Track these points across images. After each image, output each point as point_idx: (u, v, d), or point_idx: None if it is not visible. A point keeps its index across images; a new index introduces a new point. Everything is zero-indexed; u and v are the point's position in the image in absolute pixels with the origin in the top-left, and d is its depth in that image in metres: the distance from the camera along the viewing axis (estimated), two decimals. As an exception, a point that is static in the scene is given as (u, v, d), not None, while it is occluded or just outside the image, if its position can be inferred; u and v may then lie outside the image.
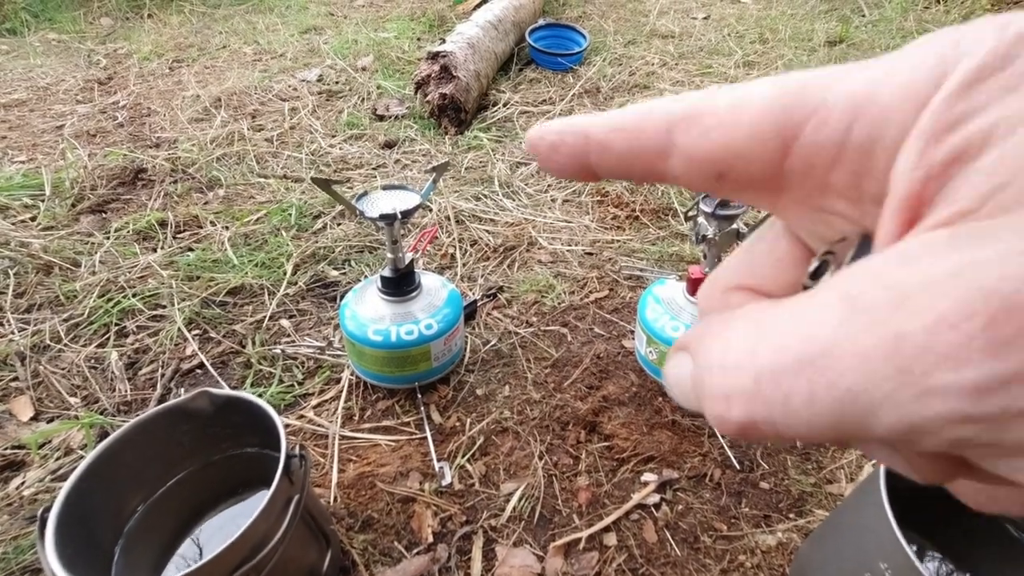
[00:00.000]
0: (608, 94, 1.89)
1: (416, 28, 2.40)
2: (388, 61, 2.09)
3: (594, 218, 1.34)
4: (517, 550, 0.73)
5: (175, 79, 2.04)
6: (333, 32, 2.42)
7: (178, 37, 2.44)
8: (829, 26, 2.41)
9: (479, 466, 0.82)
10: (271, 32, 2.45)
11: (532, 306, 1.09)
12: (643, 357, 0.94)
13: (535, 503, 0.78)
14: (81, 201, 1.36)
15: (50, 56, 2.30)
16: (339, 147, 1.60)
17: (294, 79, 1.98)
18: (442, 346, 0.89)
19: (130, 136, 1.67)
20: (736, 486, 0.80)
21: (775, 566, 0.71)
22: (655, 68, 2.04)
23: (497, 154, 1.56)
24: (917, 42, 0.12)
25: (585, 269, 1.18)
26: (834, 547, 0.61)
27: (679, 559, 0.72)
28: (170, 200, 1.40)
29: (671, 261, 1.20)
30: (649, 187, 1.42)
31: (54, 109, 1.84)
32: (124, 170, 1.47)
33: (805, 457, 0.83)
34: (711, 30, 2.40)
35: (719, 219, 0.79)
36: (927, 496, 0.65)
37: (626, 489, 0.79)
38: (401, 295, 0.88)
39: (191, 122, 1.73)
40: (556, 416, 0.89)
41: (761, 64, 2.06)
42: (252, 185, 1.44)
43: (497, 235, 1.27)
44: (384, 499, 0.78)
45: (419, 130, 1.67)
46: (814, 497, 0.78)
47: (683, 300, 0.90)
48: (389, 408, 0.91)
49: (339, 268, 1.18)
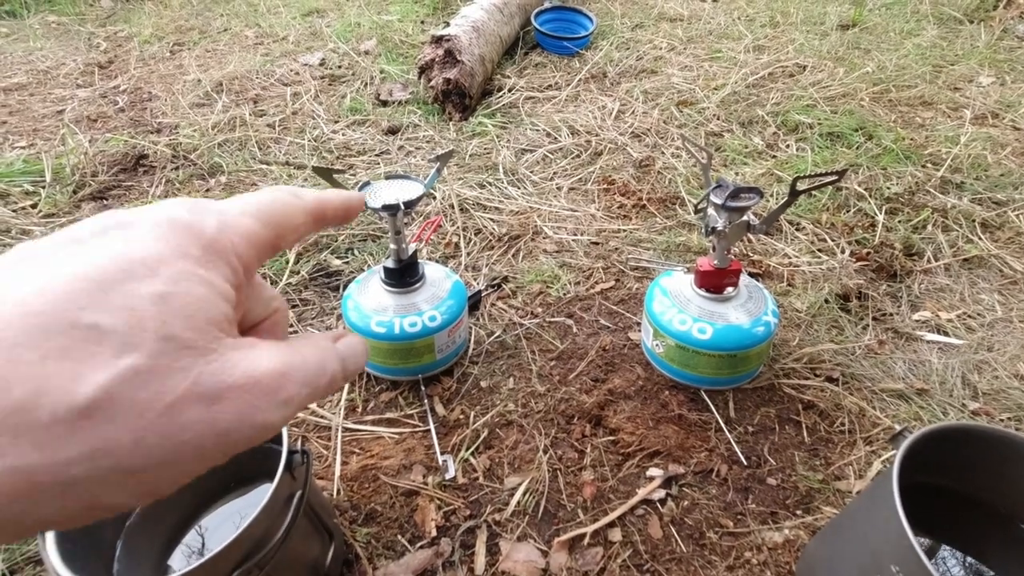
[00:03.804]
0: (615, 79, 1.85)
1: (420, 11, 2.36)
2: (391, 45, 2.05)
3: (600, 207, 1.32)
4: (521, 545, 0.72)
5: (176, 63, 2.02)
6: (336, 15, 2.38)
7: (179, 20, 2.40)
8: (842, 9, 2.35)
9: (483, 459, 0.81)
10: (273, 15, 2.41)
11: (537, 297, 1.08)
12: (649, 350, 0.92)
13: (539, 497, 0.77)
14: (82, 188, 1.35)
15: (50, 39, 2.27)
16: (342, 133, 1.58)
17: (296, 63, 1.96)
18: (446, 338, 0.88)
19: (131, 121, 1.65)
20: (743, 482, 0.79)
21: (782, 563, 0.70)
22: (663, 52, 2.00)
23: (502, 141, 1.54)
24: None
25: (591, 259, 1.17)
26: (843, 546, 0.60)
27: (684, 555, 0.71)
28: (172, 187, 1.38)
29: (678, 251, 1.18)
30: (656, 175, 1.40)
31: (54, 93, 1.82)
32: (125, 156, 1.46)
33: (813, 453, 0.82)
34: (720, 13, 2.35)
35: (729, 211, 0.78)
36: (938, 493, 0.64)
37: (631, 484, 0.79)
38: (404, 286, 0.87)
39: (192, 107, 1.71)
40: (561, 409, 0.88)
41: (771, 48, 2.02)
42: (254, 172, 1.43)
43: (502, 224, 1.25)
44: (387, 492, 0.77)
45: (423, 116, 1.65)
46: (822, 494, 0.77)
47: (690, 292, 0.88)
48: (392, 400, 0.90)
49: (342, 257, 1.17)
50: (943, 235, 1.21)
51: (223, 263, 0.18)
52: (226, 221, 0.19)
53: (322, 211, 0.23)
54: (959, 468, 0.61)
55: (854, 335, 1.00)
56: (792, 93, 1.71)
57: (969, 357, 0.95)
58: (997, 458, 0.59)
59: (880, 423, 0.85)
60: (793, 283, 1.10)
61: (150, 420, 0.15)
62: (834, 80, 1.79)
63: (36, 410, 0.14)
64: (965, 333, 1.00)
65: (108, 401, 0.14)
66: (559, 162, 1.47)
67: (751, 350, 0.84)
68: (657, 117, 1.62)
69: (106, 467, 0.14)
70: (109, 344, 0.15)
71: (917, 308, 1.06)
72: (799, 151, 1.49)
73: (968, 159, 1.42)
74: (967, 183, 1.35)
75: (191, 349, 0.16)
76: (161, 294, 0.16)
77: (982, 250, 1.18)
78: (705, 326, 0.84)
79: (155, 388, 0.15)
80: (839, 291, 1.06)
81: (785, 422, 0.86)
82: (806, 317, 1.02)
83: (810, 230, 1.23)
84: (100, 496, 0.15)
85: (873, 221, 1.25)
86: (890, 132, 1.53)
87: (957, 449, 0.59)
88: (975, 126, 1.57)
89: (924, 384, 0.91)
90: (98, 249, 0.16)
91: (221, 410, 0.16)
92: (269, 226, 0.20)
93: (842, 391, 0.90)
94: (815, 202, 1.30)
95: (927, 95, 1.73)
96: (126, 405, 0.14)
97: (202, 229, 0.18)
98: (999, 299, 1.08)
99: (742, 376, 0.89)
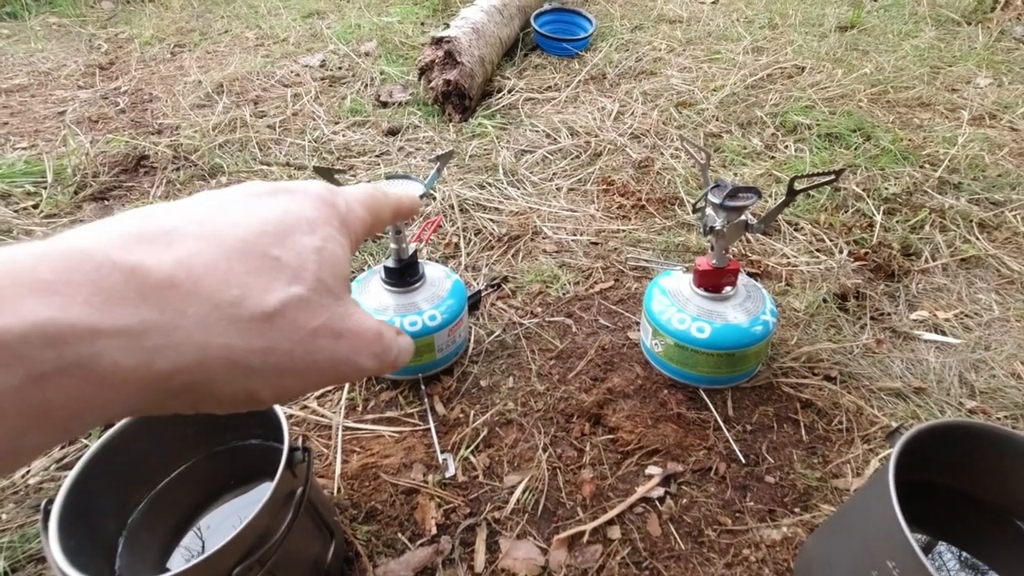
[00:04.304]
0: (614, 80, 1.86)
1: (420, 12, 2.37)
2: (391, 46, 2.06)
3: (600, 207, 1.32)
4: (521, 543, 0.73)
5: (177, 64, 2.02)
6: (336, 16, 2.39)
7: (179, 21, 2.41)
8: (840, 11, 2.36)
9: (483, 458, 0.82)
10: (273, 16, 2.42)
11: (537, 296, 1.09)
12: (648, 349, 0.93)
13: (539, 495, 0.77)
14: (83, 188, 1.36)
15: (51, 40, 2.28)
16: (342, 134, 1.59)
17: (297, 64, 1.96)
18: (446, 337, 0.89)
19: (132, 122, 1.66)
20: (741, 480, 0.79)
21: (780, 561, 0.71)
22: (662, 54, 2.01)
23: (502, 142, 1.55)
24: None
25: (590, 259, 1.17)
26: (840, 543, 0.60)
27: (683, 553, 0.72)
28: (173, 187, 1.39)
29: (677, 251, 1.19)
30: (655, 176, 1.41)
31: (55, 95, 1.83)
32: (126, 157, 1.46)
33: (811, 451, 0.83)
34: (719, 15, 2.36)
35: (727, 210, 0.78)
36: (935, 490, 0.64)
37: (630, 482, 0.79)
38: (405, 286, 0.87)
39: (193, 108, 1.71)
40: (560, 408, 0.88)
41: (770, 50, 2.02)
42: (255, 172, 1.43)
43: (502, 224, 1.26)
44: (388, 490, 0.78)
45: (423, 117, 1.65)
46: (820, 491, 0.78)
47: (689, 292, 0.89)
48: (393, 399, 0.90)
49: (342, 257, 1.17)
50: (941, 235, 1.22)
51: (349, 234, 0.23)
52: (350, 203, 0.24)
53: (400, 210, 0.28)
54: (956, 465, 0.62)
55: (852, 334, 1.00)
56: (791, 94, 1.72)
57: (966, 356, 0.96)
58: (994, 455, 0.59)
59: (878, 421, 0.86)
60: (791, 283, 1.11)
61: (301, 336, 0.20)
62: (832, 81, 1.80)
63: (242, 307, 0.18)
64: (962, 332, 1.01)
65: (281, 314, 0.19)
66: (559, 163, 1.47)
67: (749, 349, 0.85)
68: (656, 118, 1.63)
69: (271, 363, 0.19)
70: (285, 274, 0.20)
71: (915, 308, 1.07)
72: (798, 152, 1.49)
73: (966, 160, 1.43)
74: (965, 183, 1.36)
75: (331, 293, 0.21)
76: (318, 248, 0.21)
77: (979, 250, 1.18)
78: (704, 325, 0.84)
79: (308, 314, 0.20)
80: (837, 291, 1.06)
81: (783, 420, 0.86)
82: (804, 316, 1.03)
83: (808, 230, 1.23)
84: (260, 383, 0.19)
85: (871, 221, 1.25)
86: (888, 133, 1.53)
87: (954, 446, 0.60)
88: (973, 127, 1.58)
89: (921, 383, 0.91)
90: (273, 205, 0.21)
91: (340, 345, 0.21)
92: (371, 214, 0.25)
93: (840, 390, 0.90)
94: (813, 202, 1.31)
95: (925, 96, 1.73)
96: (290, 320, 0.19)
97: (338, 206, 0.23)
98: (996, 299, 1.08)
99: (740, 375, 0.89)
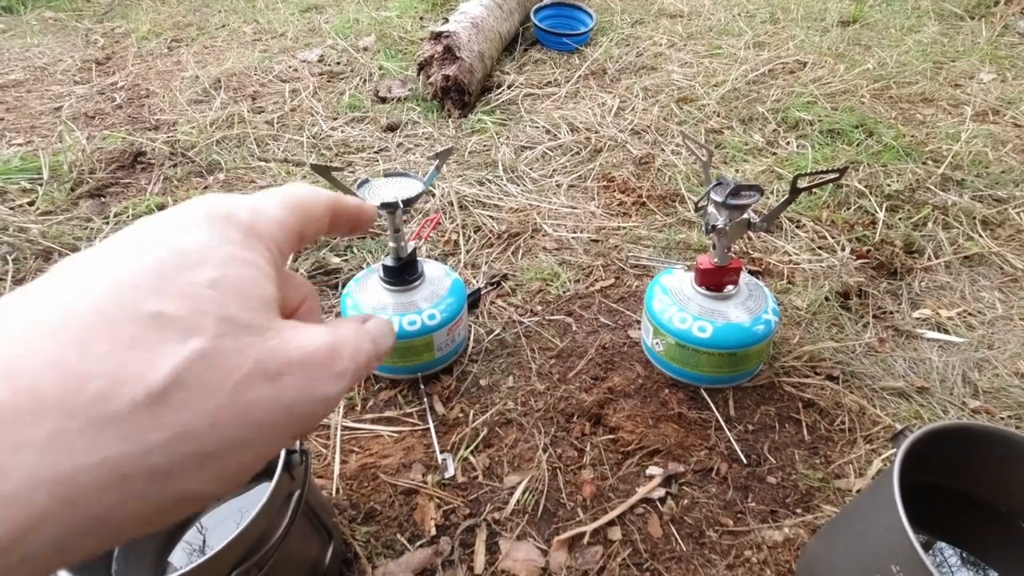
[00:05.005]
0: (615, 75, 1.84)
1: (419, 6, 2.35)
2: (390, 41, 2.04)
3: (600, 204, 1.31)
4: (521, 543, 0.72)
5: (174, 59, 2.01)
6: (334, 11, 2.37)
7: (176, 16, 2.39)
8: (842, 5, 2.34)
9: (483, 458, 0.81)
10: (271, 11, 2.40)
11: (537, 295, 1.08)
12: (649, 348, 0.92)
13: (539, 496, 0.77)
14: (80, 185, 1.35)
15: (47, 35, 2.26)
16: (341, 130, 1.57)
17: (295, 60, 1.95)
18: (445, 336, 0.88)
19: (129, 118, 1.64)
20: (743, 480, 0.79)
21: (781, 562, 0.70)
22: (663, 49, 1.99)
23: (501, 138, 1.53)
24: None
25: (591, 257, 1.16)
26: (843, 545, 0.60)
27: (684, 554, 0.71)
28: (170, 184, 1.38)
29: (678, 249, 1.18)
30: (656, 173, 1.40)
31: (52, 90, 1.81)
32: (123, 153, 1.45)
33: (813, 451, 0.82)
34: (720, 9, 2.34)
35: (730, 209, 0.77)
36: (938, 492, 0.64)
37: (631, 483, 0.78)
38: (403, 284, 0.86)
39: (190, 104, 1.70)
40: (561, 408, 0.88)
41: (772, 45, 2.01)
42: (253, 169, 1.42)
43: (501, 221, 1.25)
44: (387, 491, 0.77)
45: (422, 113, 1.64)
46: (822, 492, 0.77)
47: (691, 291, 0.88)
48: (391, 399, 0.90)
49: (341, 255, 1.17)
50: (943, 232, 1.21)
51: (262, 246, 0.19)
52: (257, 208, 0.20)
53: (338, 208, 0.24)
54: (959, 467, 0.61)
55: (854, 333, 0.99)
56: (792, 90, 1.71)
57: (969, 355, 0.95)
58: (998, 457, 0.59)
59: (880, 421, 0.85)
60: (793, 281, 1.10)
61: (221, 400, 0.15)
62: (834, 77, 1.78)
63: (116, 400, 0.14)
64: (965, 331, 1.00)
65: (180, 384, 0.15)
66: (558, 159, 1.46)
67: (751, 348, 0.84)
68: (657, 114, 1.62)
69: (186, 452, 0.15)
70: (174, 330, 0.15)
71: (917, 306, 1.06)
72: (799, 148, 1.48)
73: (969, 156, 1.42)
74: (968, 180, 1.35)
75: (249, 328, 0.17)
76: (214, 280, 0.17)
77: (983, 247, 1.18)
78: (705, 324, 0.83)
79: (222, 368, 0.16)
80: (839, 289, 1.06)
81: (785, 420, 0.86)
82: (806, 315, 1.02)
83: (810, 227, 1.23)
84: (184, 484, 0.15)
85: (873, 218, 1.24)
86: (891, 129, 1.52)
87: (958, 448, 0.59)
88: (976, 123, 1.57)
89: (924, 382, 0.91)
90: (150, 247, 0.17)
91: (284, 385, 0.17)
92: (295, 214, 0.21)
93: (842, 389, 0.90)
94: (815, 199, 1.30)
95: (928, 92, 1.72)
96: (197, 387, 0.15)
97: (238, 217, 0.19)
98: (1000, 297, 1.08)
99: (742, 374, 0.89)
